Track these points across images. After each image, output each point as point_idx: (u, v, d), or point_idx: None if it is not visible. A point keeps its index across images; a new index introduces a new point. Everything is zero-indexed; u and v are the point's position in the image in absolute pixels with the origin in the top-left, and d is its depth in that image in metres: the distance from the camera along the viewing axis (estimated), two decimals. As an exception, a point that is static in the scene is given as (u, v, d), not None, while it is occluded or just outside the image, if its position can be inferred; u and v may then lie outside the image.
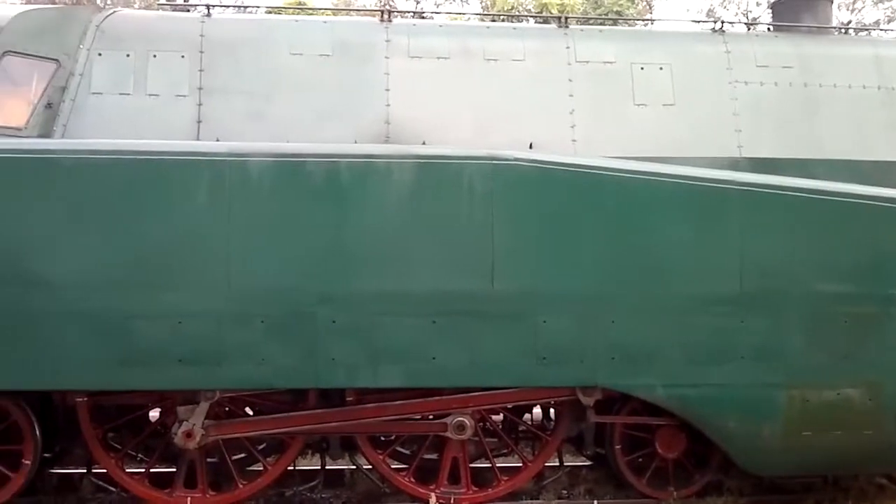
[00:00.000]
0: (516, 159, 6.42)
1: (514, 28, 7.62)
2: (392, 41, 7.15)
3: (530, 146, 6.77)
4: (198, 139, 6.69)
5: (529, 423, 7.43)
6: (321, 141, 6.59)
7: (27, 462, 6.61)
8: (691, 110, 7.11)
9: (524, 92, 7.06)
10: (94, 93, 6.79)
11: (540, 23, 10.93)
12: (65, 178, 6.20)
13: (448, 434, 6.74)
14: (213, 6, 7.31)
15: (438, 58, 7.12)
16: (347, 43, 7.13)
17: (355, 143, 6.68)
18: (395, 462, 7.30)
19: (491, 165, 6.39)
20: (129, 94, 6.84)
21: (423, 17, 8.71)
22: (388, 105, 6.92)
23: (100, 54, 6.91)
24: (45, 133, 6.58)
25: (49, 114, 6.66)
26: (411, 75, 7.03)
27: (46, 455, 6.96)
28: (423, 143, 6.70)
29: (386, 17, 7.28)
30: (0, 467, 6.61)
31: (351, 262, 6.30)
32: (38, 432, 6.62)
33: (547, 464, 7.31)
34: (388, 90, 6.97)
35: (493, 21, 11.09)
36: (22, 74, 6.72)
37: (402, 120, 6.87)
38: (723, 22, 7.67)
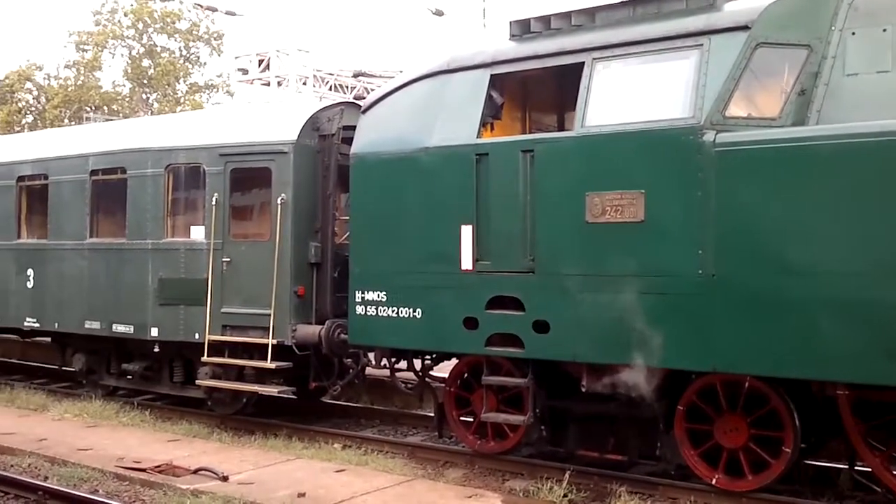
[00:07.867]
0: None
1: None
2: None
3: None
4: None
5: None
6: None
7: (787, 450, 6.65)
8: None
9: None
10: (848, 74, 6.51)
11: None
12: (823, 164, 6.05)
13: None
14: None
15: None
16: None
17: None
18: None
19: None
20: (887, 71, 6.39)
21: None
22: None
23: (853, 33, 6.60)
24: (799, 120, 6.50)
25: (802, 101, 6.57)
26: None
27: (803, 445, 6.91)
28: None
29: None
30: (761, 452, 6.78)
31: None
32: (796, 422, 6.61)
33: None
34: None
35: None
36: (773, 65, 6.77)
37: None
38: None
